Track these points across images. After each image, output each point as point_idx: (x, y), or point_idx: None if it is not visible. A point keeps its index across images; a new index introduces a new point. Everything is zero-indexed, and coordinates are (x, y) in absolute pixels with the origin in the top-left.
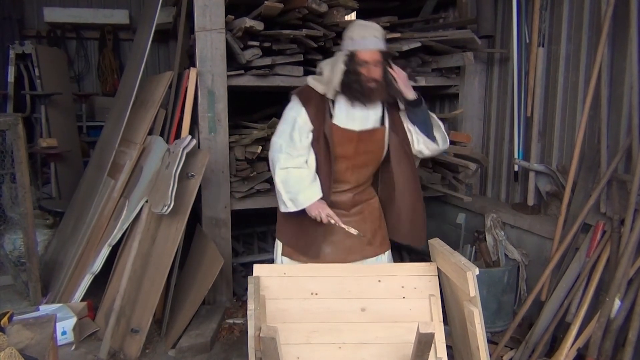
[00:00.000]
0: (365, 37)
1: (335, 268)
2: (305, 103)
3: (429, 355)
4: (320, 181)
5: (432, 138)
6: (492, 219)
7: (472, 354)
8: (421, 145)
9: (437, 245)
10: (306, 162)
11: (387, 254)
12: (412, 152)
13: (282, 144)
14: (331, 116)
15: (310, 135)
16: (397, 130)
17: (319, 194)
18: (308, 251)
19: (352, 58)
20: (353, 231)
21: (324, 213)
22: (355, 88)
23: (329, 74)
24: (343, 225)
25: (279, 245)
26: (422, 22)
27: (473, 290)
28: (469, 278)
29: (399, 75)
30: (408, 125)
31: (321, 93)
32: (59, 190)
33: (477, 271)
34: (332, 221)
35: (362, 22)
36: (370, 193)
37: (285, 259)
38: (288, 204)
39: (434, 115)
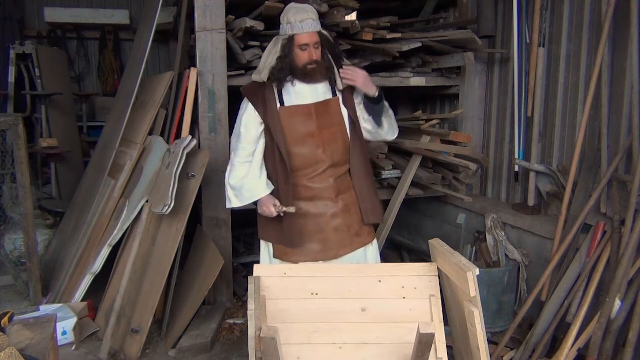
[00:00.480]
0: (303, 20)
1: (336, 268)
2: (250, 97)
3: (429, 356)
4: (279, 171)
5: (379, 123)
6: (493, 219)
7: (472, 354)
8: (366, 123)
9: (437, 245)
10: (253, 153)
11: (375, 242)
12: (360, 127)
13: (233, 141)
14: (282, 102)
15: (260, 127)
16: (347, 103)
17: (265, 190)
18: (295, 242)
19: (291, 41)
20: (292, 209)
21: (272, 208)
22: (290, 70)
23: (264, 61)
24: (286, 209)
25: (267, 247)
26: (423, 22)
27: (473, 290)
28: (469, 278)
29: (356, 76)
30: (358, 104)
31: (261, 82)
32: (59, 190)
33: (477, 271)
34: (283, 210)
35: (296, 5)
36: (348, 182)
37: (276, 260)
38: (232, 200)
39: (387, 106)
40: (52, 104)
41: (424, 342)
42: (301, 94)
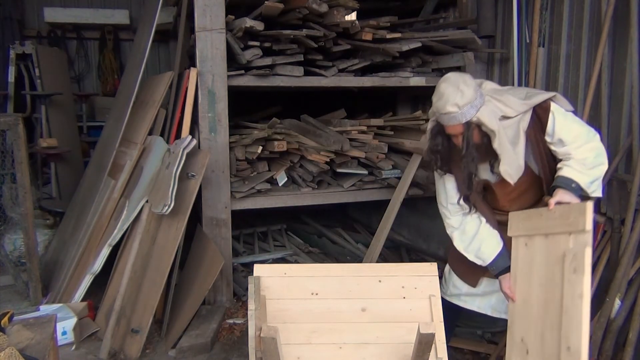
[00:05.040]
0: (442, 112)
1: (336, 268)
2: (438, 170)
3: (430, 356)
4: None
5: None
6: None
7: (566, 309)
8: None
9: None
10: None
11: None
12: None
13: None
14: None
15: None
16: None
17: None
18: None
19: (441, 129)
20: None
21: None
22: (443, 162)
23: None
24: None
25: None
26: (423, 22)
27: (589, 223)
28: (587, 210)
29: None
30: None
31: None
32: (59, 190)
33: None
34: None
35: (443, 89)
36: None
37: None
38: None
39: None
40: (52, 104)
41: (424, 343)
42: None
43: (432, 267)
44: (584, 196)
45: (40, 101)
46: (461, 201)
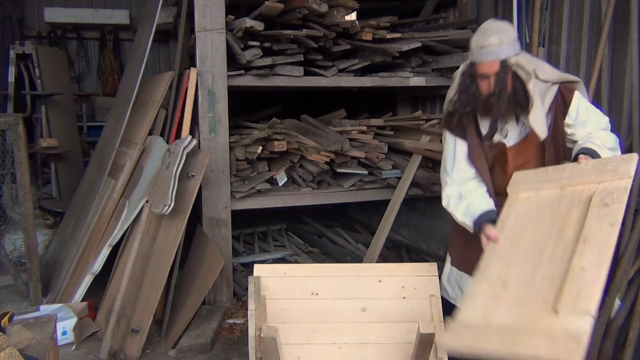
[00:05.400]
0: (483, 45)
1: (336, 268)
2: (450, 129)
3: (429, 355)
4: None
5: None
6: None
7: (588, 238)
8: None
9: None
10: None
11: None
12: None
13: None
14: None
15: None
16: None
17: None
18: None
19: (472, 70)
20: None
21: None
22: (470, 106)
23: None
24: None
25: (448, 258)
26: (423, 22)
27: (633, 170)
28: (634, 158)
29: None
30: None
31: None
32: (59, 190)
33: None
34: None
35: (487, 25)
36: None
37: (455, 269)
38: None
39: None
40: (52, 104)
41: (424, 342)
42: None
43: (432, 267)
44: None
45: (40, 101)
46: (467, 166)
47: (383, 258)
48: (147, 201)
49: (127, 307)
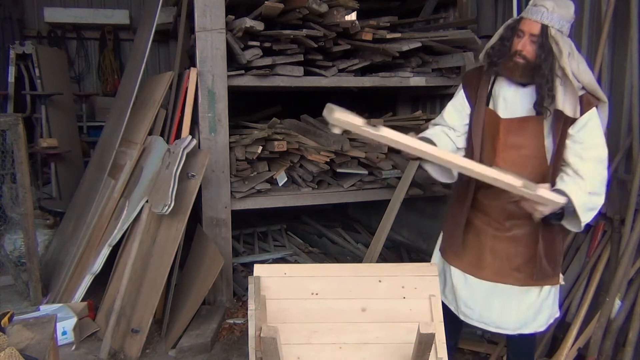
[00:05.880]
0: (536, 4)
1: (336, 268)
2: (465, 84)
3: (430, 356)
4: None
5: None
6: None
7: None
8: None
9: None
10: (447, 134)
11: (547, 289)
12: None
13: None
14: (489, 99)
15: (466, 118)
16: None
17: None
18: (454, 243)
19: (516, 24)
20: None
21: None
22: (499, 58)
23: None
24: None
25: (439, 237)
26: (423, 22)
27: None
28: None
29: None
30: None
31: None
32: (59, 190)
33: None
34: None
35: None
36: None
37: (438, 254)
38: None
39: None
40: (52, 104)
41: (424, 343)
42: (505, 96)
43: (432, 267)
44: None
45: (40, 101)
46: (454, 117)
47: (383, 258)
48: (147, 201)
49: (127, 307)
